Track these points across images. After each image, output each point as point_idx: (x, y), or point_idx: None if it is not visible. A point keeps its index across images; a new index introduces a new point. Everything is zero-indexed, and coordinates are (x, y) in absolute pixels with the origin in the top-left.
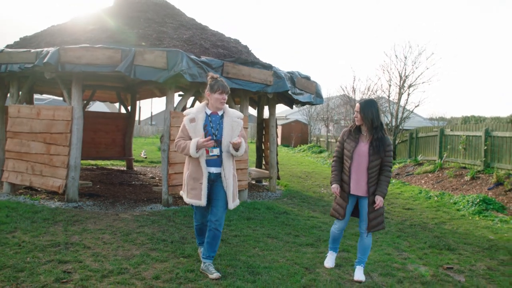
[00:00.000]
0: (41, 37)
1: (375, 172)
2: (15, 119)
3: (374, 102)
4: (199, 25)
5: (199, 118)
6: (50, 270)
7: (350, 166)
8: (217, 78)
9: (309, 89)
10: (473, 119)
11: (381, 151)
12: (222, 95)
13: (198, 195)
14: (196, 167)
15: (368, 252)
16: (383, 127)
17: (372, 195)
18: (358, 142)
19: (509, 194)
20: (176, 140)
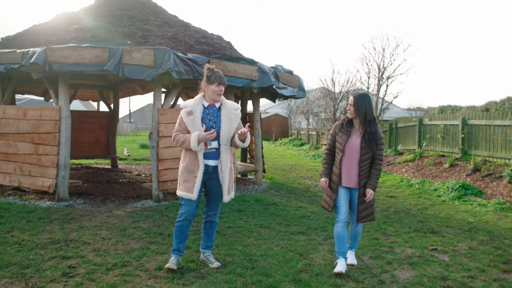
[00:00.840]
0: (24, 37)
1: (366, 165)
2: (1, 120)
3: (368, 96)
4: (182, 22)
5: (196, 110)
6: (55, 266)
7: (341, 159)
8: (213, 69)
9: (292, 83)
10: (449, 108)
11: (372, 144)
12: (219, 87)
13: (190, 188)
14: (193, 159)
15: (358, 239)
16: (376, 120)
17: (363, 188)
18: (350, 135)
19: (486, 179)
20: (174, 134)
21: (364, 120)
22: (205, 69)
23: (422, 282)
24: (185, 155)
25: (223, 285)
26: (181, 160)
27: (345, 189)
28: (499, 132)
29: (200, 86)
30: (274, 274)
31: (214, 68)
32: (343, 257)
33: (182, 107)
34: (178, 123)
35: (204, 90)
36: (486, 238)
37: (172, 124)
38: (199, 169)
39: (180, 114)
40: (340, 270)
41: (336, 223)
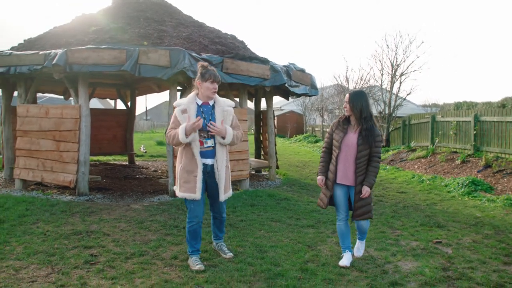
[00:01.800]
0: (46, 38)
1: (363, 162)
2: (24, 119)
3: (363, 93)
4: (196, 22)
5: (191, 109)
6: (78, 254)
7: (337, 156)
8: (207, 67)
9: (304, 81)
10: (465, 104)
11: (370, 141)
12: (213, 84)
13: (192, 189)
14: (189, 159)
15: (366, 232)
16: (372, 117)
17: (360, 185)
18: (347, 133)
19: (496, 175)
20: (167, 132)
21: (360, 116)
22: (199, 67)
23: (423, 272)
24: (181, 155)
25: (233, 273)
26: (178, 161)
27: (342, 187)
28: (511, 129)
29: (194, 84)
30: (283, 263)
31: (208, 66)
32: (349, 251)
33: (176, 105)
34: (172, 121)
35: (197, 87)
36: (491, 232)
37: None
38: (198, 168)
39: (174, 112)
40: (345, 264)
41: (338, 221)
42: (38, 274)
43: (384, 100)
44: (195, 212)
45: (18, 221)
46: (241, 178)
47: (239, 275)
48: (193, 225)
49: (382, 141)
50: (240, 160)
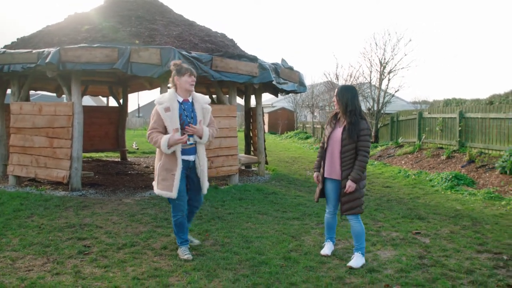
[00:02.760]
0: (39, 37)
1: (349, 157)
2: (18, 116)
3: (350, 87)
4: (187, 21)
5: (174, 107)
6: (72, 245)
7: (325, 150)
8: (180, 63)
9: (292, 78)
10: (454, 101)
11: (353, 135)
12: (191, 77)
13: (169, 187)
14: (169, 158)
15: (362, 238)
16: (358, 112)
17: (346, 179)
18: (335, 127)
19: (479, 170)
20: (149, 132)
21: (345, 110)
22: (172, 66)
23: (400, 260)
24: (161, 153)
25: (220, 261)
26: (157, 158)
27: (333, 181)
28: (494, 125)
29: (170, 82)
30: (267, 252)
31: (180, 63)
32: (331, 241)
33: (158, 103)
34: (155, 120)
35: (175, 84)
36: (469, 224)
37: None
38: (177, 167)
39: (157, 110)
40: (326, 252)
41: (326, 213)
42: (34, 264)
43: (373, 97)
44: (180, 207)
45: (13, 215)
46: (230, 173)
47: (225, 263)
48: (179, 218)
49: (369, 135)
50: (230, 155)
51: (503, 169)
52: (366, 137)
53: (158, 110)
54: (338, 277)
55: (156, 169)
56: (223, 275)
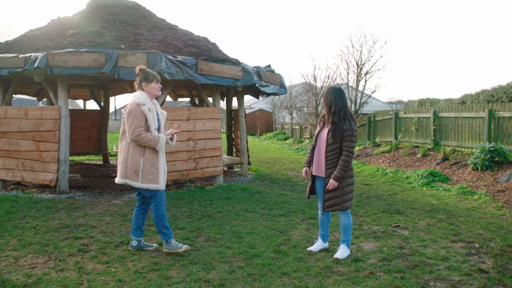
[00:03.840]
0: (23, 41)
1: (333, 156)
2: (3, 120)
3: (336, 89)
4: (170, 25)
5: (152, 108)
6: (70, 244)
7: (313, 149)
8: (145, 69)
9: (274, 81)
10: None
11: (336, 135)
12: (158, 84)
13: (155, 180)
14: (152, 153)
15: (349, 231)
16: (343, 113)
17: (329, 177)
18: (323, 127)
19: (453, 167)
20: (137, 129)
21: (329, 111)
22: (138, 71)
23: (382, 250)
24: (143, 149)
25: (215, 255)
26: (137, 154)
27: (321, 179)
28: (466, 124)
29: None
30: (258, 246)
31: (146, 68)
32: (321, 238)
33: (140, 103)
34: (139, 119)
35: (143, 89)
36: (444, 217)
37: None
38: (159, 161)
39: (142, 110)
40: (310, 249)
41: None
42: (36, 262)
43: (350, 98)
44: (163, 198)
45: (6, 217)
46: (215, 174)
47: (220, 256)
48: (163, 208)
49: (353, 135)
50: (214, 156)
51: (475, 166)
52: (350, 138)
53: (143, 110)
54: (326, 267)
55: (139, 165)
56: (219, 267)
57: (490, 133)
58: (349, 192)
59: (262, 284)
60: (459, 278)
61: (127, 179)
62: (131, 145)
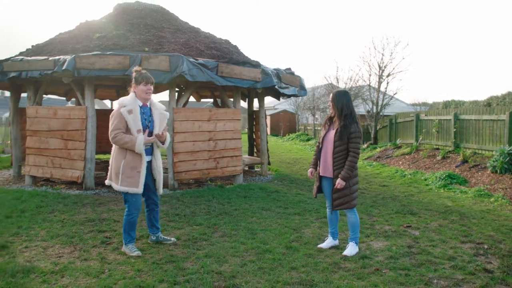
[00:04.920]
0: (53, 44)
1: (340, 157)
2: (34, 119)
3: (345, 93)
4: (192, 28)
5: (136, 110)
6: (94, 237)
7: (320, 150)
8: (140, 71)
9: (293, 83)
10: (453, 103)
11: (344, 137)
12: (147, 86)
13: (135, 183)
14: (134, 156)
15: (356, 229)
16: (352, 116)
17: (336, 177)
18: (329, 129)
19: (472, 170)
20: (114, 132)
21: (340, 114)
22: (133, 71)
23: (391, 249)
24: (124, 152)
25: (228, 250)
26: (119, 157)
27: (328, 179)
28: (487, 126)
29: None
30: (271, 242)
31: (140, 70)
32: (331, 236)
33: (121, 105)
34: (118, 121)
35: (133, 90)
36: (457, 218)
37: (185, 122)
38: (142, 165)
39: (120, 112)
40: (321, 246)
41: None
42: (63, 252)
43: (372, 100)
44: (136, 205)
45: (36, 211)
46: (235, 173)
47: (233, 251)
48: (134, 216)
49: (358, 137)
50: (234, 156)
51: (494, 169)
52: (356, 139)
53: (121, 112)
54: (334, 263)
55: (120, 167)
56: (231, 260)
57: (511, 135)
58: (355, 191)
59: (271, 277)
60: (462, 277)
61: (111, 181)
62: (116, 148)
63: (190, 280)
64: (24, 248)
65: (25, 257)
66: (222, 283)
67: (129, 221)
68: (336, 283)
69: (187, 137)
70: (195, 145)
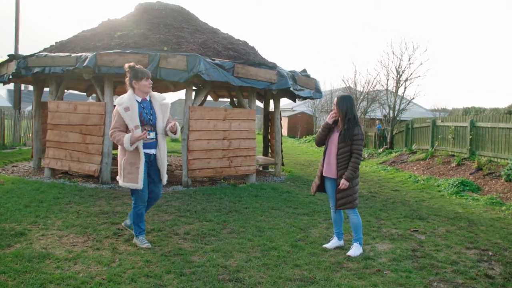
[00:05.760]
0: (75, 42)
1: (344, 158)
2: (55, 113)
3: (349, 98)
4: (211, 29)
5: (133, 106)
6: (107, 228)
7: (324, 152)
8: (134, 66)
9: (309, 85)
10: (473, 110)
11: (347, 139)
12: (148, 81)
13: (135, 179)
14: (133, 153)
15: (359, 229)
16: (355, 119)
17: (340, 178)
18: (334, 132)
19: (486, 177)
20: (111, 130)
21: (344, 117)
22: (127, 69)
23: (395, 251)
24: (124, 149)
25: (235, 245)
26: (121, 154)
27: (331, 180)
28: (503, 134)
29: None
30: (277, 240)
31: (135, 65)
32: (336, 237)
33: (118, 104)
34: (116, 120)
35: (133, 87)
36: (465, 225)
37: (201, 120)
38: (141, 161)
39: (117, 110)
40: (326, 246)
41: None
42: (77, 241)
43: (389, 104)
44: (143, 198)
45: (53, 201)
46: (248, 173)
47: (240, 247)
48: (141, 209)
49: (361, 139)
50: (248, 156)
51: (508, 177)
52: (359, 141)
53: (118, 110)
54: (337, 262)
55: (120, 164)
56: (237, 256)
57: None
58: (357, 191)
59: (274, 272)
60: (462, 281)
61: (119, 177)
62: (119, 146)
63: (196, 272)
64: (40, 235)
65: (41, 244)
66: (226, 276)
67: (136, 213)
68: (337, 281)
69: (202, 135)
70: (210, 143)
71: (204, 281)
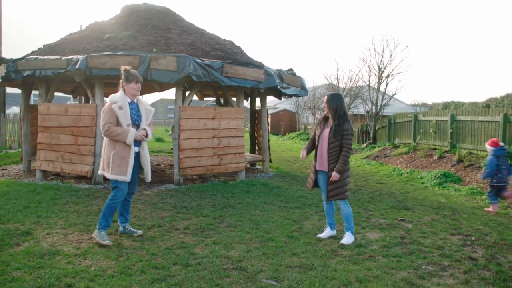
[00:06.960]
0: (64, 44)
1: (334, 152)
2: (45, 116)
3: (338, 95)
4: (198, 29)
5: (126, 106)
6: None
7: (316, 147)
8: (129, 70)
9: (295, 83)
10: (452, 104)
11: (337, 135)
12: (137, 84)
13: (124, 172)
14: (123, 147)
15: (350, 219)
16: (345, 115)
17: (331, 171)
18: (324, 128)
19: (467, 169)
20: (106, 125)
21: (335, 114)
22: (122, 71)
23: (385, 239)
24: (115, 143)
25: (234, 238)
26: (109, 148)
27: (323, 173)
28: (482, 127)
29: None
30: (273, 232)
31: (130, 69)
32: (329, 227)
33: (112, 102)
34: (109, 115)
35: (123, 88)
36: (449, 213)
37: (191, 119)
38: (130, 155)
39: (111, 108)
40: (320, 236)
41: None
42: (82, 238)
43: (372, 100)
44: (123, 191)
45: (52, 202)
46: (237, 170)
47: (239, 239)
48: (118, 202)
49: (351, 134)
50: (237, 153)
51: None
52: (348, 136)
53: (113, 108)
54: (331, 250)
55: (109, 157)
56: (238, 247)
57: (505, 137)
58: (348, 183)
59: (274, 261)
60: (448, 263)
61: (103, 171)
62: (106, 140)
63: (201, 263)
64: (46, 234)
65: (48, 242)
66: (230, 266)
67: (111, 205)
68: (334, 267)
69: (192, 134)
70: (200, 142)
71: (210, 270)
